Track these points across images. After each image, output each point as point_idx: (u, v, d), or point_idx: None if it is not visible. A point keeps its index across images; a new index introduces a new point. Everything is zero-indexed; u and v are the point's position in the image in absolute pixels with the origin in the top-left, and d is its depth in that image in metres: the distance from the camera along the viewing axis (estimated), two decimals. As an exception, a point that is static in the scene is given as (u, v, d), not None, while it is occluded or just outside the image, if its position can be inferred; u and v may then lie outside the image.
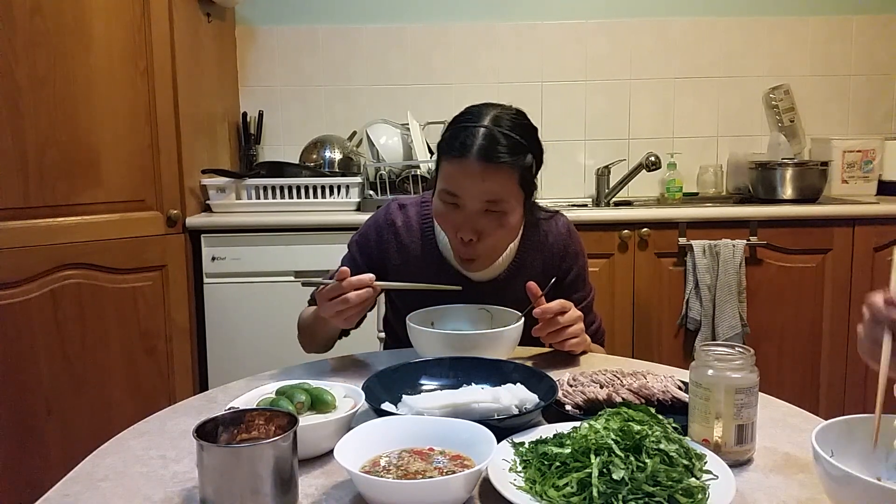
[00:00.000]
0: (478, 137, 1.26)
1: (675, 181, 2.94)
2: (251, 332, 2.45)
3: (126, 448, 0.98)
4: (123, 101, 2.25)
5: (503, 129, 1.28)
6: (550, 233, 1.47)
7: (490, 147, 1.26)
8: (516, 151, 1.28)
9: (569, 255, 1.47)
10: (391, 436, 0.89)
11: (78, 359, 2.21)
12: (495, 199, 1.28)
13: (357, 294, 1.21)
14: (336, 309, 1.22)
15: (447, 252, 1.42)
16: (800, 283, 2.51)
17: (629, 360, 1.35)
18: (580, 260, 1.50)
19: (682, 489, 0.76)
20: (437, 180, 1.35)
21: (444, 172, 1.31)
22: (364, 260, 1.46)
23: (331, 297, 1.22)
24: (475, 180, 1.27)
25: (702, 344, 0.99)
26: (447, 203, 1.32)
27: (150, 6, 2.26)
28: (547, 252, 1.46)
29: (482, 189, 1.27)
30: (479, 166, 1.26)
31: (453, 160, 1.29)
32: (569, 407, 1.04)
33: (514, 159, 1.27)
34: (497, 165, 1.26)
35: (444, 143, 1.33)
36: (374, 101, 3.01)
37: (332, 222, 2.45)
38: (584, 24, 3.01)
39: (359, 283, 1.22)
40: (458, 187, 1.29)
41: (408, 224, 1.45)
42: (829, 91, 3.05)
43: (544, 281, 1.36)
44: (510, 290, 1.41)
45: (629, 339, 2.53)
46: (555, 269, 1.45)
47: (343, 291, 1.21)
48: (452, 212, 1.31)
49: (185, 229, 2.41)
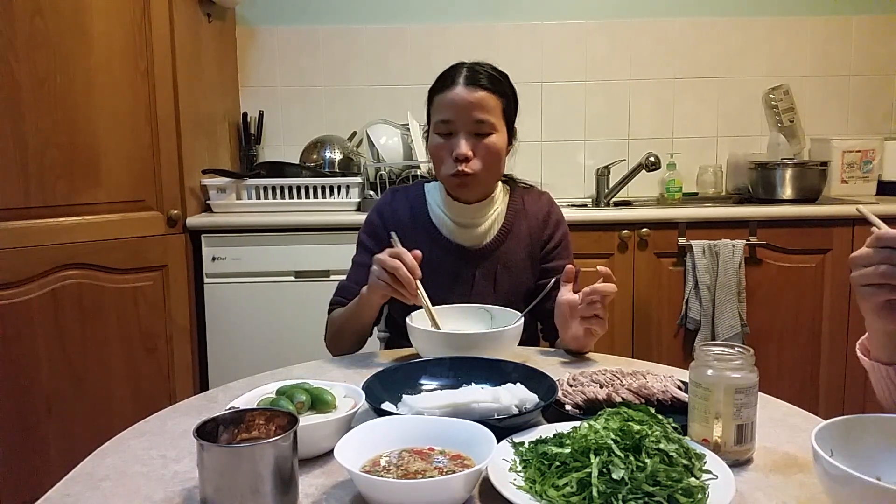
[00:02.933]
0: (462, 71, 1.48)
1: (675, 181, 2.94)
2: (251, 332, 2.45)
3: (126, 448, 0.98)
4: (124, 102, 2.25)
5: (483, 67, 1.51)
6: (532, 201, 1.60)
7: (474, 76, 1.47)
8: (496, 82, 1.49)
9: (551, 222, 1.59)
10: (391, 436, 0.89)
11: (78, 359, 2.21)
12: (482, 118, 1.45)
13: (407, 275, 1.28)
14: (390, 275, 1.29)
15: (440, 223, 1.54)
16: (799, 283, 2.51)
17: (629, 360, 1.35)
18: (562, 227, 1.60)
19: (682, 489, 0.76)
20: (431, 123, 1.52)
21: (436, 106, 1.50)
22: (374, 242, 1.54)
23: (391, 265, 1.28)
24: (464, 102, 1.45)
25: (701, 344, 0.99)
26: (442, 134, 1.48)
27: (150, 6, 2.27)
28: (532, 219, 1.57)
29: (471, 107, 1.45)
30: (465, 90, 1.45)
31: (444, 92, 1.47)
32: (568, 407, 1.04)
33: (494, 86, 1.48)
34: (482, 87, 1.46)
35: (434, 86, 1.52)
36: (374, 101, 3.01)
37: (332, 222, 2.45)
38: (584, 25, 3.01)
39: (412, 267, 1.29)
40: (450, 112, 1.46)
41: (404, 202, 1.58)
42: (828, 91, 3.05)
43: (530, 245, 1.54)
44: (501, 254, 1.53)
45: (629, 339, 2.54)
46: (540, 233, 1.57)
47: (404, 263, 1.28)
48: (447, 141, 1.47)
49: (185, 229, 2.41)
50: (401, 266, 1.28)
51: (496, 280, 1.52)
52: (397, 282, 1.29)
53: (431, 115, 1.52)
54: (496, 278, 1.52)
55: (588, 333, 1.32)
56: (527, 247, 1.55)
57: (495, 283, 1.52)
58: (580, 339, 1.34)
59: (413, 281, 1.28)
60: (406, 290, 1.29)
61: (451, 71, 1.50)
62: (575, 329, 1.33)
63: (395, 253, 1.30)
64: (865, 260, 0.87)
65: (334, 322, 1.52)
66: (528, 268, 1.54)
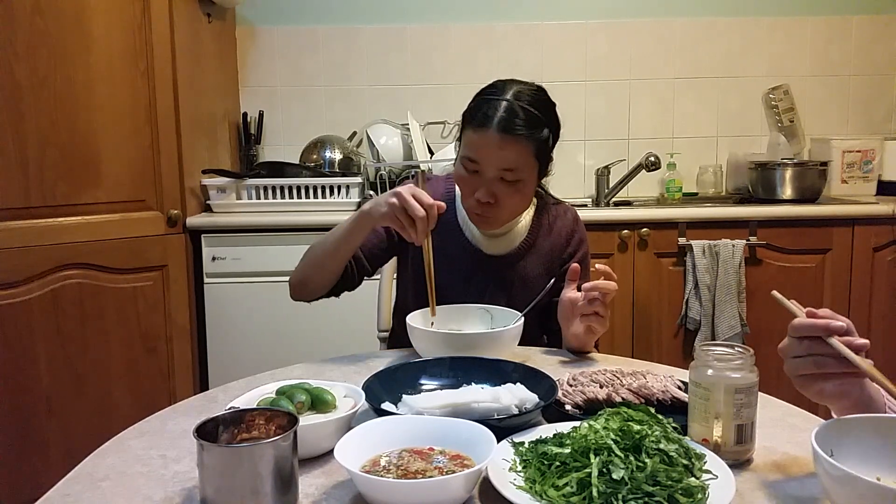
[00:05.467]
0: (499, 110, 1.36)
1: (675, 181, 2.94)
2: (251, 332, 2.45)
3: (126, 448, 0.98)
4: (124, 102, 2.25)
5: (523, 104, 1.38)
6: (559, 218, 1.57)
7: (509, 120, 1.36)
8: (533, 125, 1.38)
9: (574, 241, 1.56)
10: (391, 436, 0.89)
11: (78, 359, 2.21)
12: (511, 167, 1.38)
13: (424, 222, 1.24)
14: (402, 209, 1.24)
15: (464, 222, 1.51)
16: (799, 283, 2.51)
17: (629, 360, 1.35)
18: (584, 246, 1.58)
19: (682, 489, 0.76)
20: (461, 147, 1.45)
21: (467, 140, 1.41)
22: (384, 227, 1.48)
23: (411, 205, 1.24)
24: (494, 150, 1.37)
25: (701, 344, 0.99)
26: (468, 169, 1.42)
27: (150, 6, 2.27)
28: (555, 235, 1.55)
29: (500, 158, 1.37)
30: (497, 137, 1.36)
31: (475, 130, 1.38)
32: (568, 407, 1.04)
33: (530, 132, 1.37)
34: (515, 137, 1.36)
35: (468, 113, 1.42)
36: (374, 101, 3.01)
37: (332, 222, 2.39)
38: (584, 24, 3.01)
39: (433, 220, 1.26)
40: (478, 155, 1.39)
41: (436, 193, 1.49)
42: (828, 91, 3.05)
43: (550, 261, 1.52)
44: (520, 266, 1.51)
45: (629, 339, 2.54)
46: (561, 251, 1.54)
47: (429, 213, 1.24)
48: (472, 176, 1.41)
49: (185, 229, 2.41)
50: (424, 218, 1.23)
51: (511, 292, 1.50)
52: (408, 219, 1.24)
53: (461, 141, 1.44)
54: (511, 290, 1.50)
55: (589, 331, 1.32)
56: (546, 262, 1.53)
57: (510, 295, 1.49)
58: (581, 337, 1.34)
59: (426, 227, 1.25)
60: (414, 231, 1.25)
61: (487, 104, 1.38)
62: (576, 327, 1.33)
63: (422, 200, 1.24)
64: (792, 351, 0.87)
65: (315, 247, 1.46)
66: (544, 284, 1.48)
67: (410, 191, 1.26)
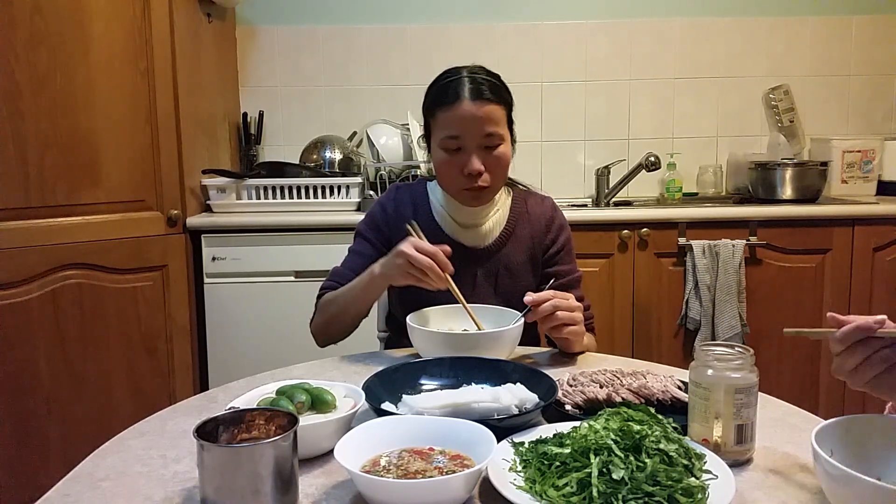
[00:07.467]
0: (465, 83, 1.45)
1: (675, 181, 2.94)
2: (251, 332, 2.45)
3: (126, 448, 0.98)
4: (124, 102, 2.25)
5: (482, 75, 1.48)
6: (537, 205, 1.60)
7: (478, 88, 1.44)
8: (499, 90, 1.47)
9: (554, 227, 1.58)
10: (391, 436, 0.89)
11: (78, 359, 2.21)
12: (491, 131, 1.43)
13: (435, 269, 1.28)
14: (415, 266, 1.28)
15: (443, 221, 1.54)
16: (799, 283, 2.51)
17: (629, 360, 1.35)
18: (565, 232, 1.60)
19: (682, 489, 0.76)
20: (434, 135, 1.48)
21: (441, 122, 1.45)
22: (374, 235, 1.56)
23: (425, 264, 1.28)
24: (472, 118, 1.42)
25: (701, 344, 0.99)
26: (449, 149, 1.45)
27: (150, 6, 2.27)
28: (535, 223, 1.57)
29: (479, 123, 1.43)
30: (472, 105, 1.43)
31: (449, 107, 1.44)
32: (568, 407, 1.04)
33: (498, 96, 1.46)
34: (487, 101, 1.44)
35: (434, 99, 1.48)
36: (374, 101, 3.01)
37: (332, 222, 2.45)
38: (584, 25, 3.01)
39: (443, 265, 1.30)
40: (459, 128, 1.43)
41: (407, 198, 1.58)
42: (828, 91, 3.05)
43: (532, 248, 1.54)
44: (503, 255, 1.53)
45: (629, 339, 2.53)
46: (542, 237, 1.56)
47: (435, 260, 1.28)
48: (455, 156, 1.45)
49: (185, 229, 2.41)
50: (434, 266, 1.28)
51: (497, 281, 1.53)
52: (419, 271, 1.29)
53: (434, 129, 1.49)
54: (497, 279, 1.53)
55: (566, 340, 1.33)
56: (528, 249, 1.55)
57: (496, 284, 1.52)
58: (562, 342, 1.35)
59: (439, 272, 1.29)
60: (429, 279, 1.29)
61: (451, 83, 1.46)
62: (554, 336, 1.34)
63: (425, 250, 1.29)
64: (848, 364, 0.86)
65: (331, 304, 1.48)
66: (528, 271, 1.55)
67: (412, 245, 1.30)
